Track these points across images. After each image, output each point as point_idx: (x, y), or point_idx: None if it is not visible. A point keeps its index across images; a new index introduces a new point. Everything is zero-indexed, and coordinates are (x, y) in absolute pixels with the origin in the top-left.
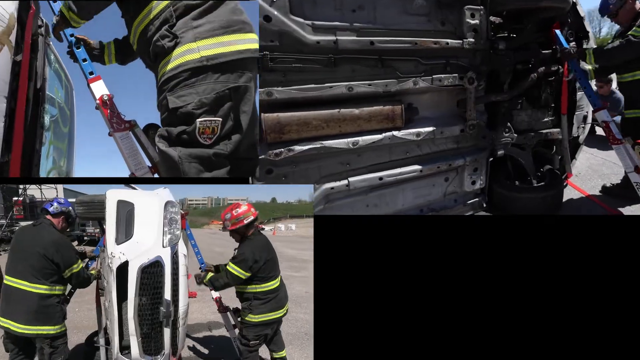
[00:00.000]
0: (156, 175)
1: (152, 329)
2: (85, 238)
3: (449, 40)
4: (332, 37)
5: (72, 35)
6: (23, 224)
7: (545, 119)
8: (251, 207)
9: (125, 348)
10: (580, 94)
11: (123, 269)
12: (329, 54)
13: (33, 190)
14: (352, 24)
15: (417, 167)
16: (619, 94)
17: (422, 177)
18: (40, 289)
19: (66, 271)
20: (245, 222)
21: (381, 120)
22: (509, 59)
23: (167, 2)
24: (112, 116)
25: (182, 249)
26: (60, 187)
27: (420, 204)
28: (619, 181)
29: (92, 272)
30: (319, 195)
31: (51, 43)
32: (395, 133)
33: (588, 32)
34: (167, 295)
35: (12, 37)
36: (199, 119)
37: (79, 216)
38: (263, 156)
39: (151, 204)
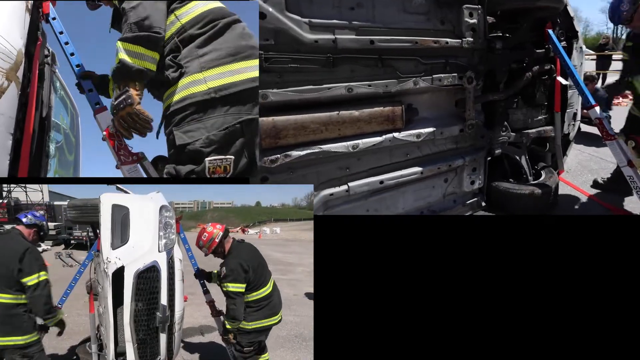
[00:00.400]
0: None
1: (148, 335)
2: (72, 242)
3: (448, 40)
4: (331, 36)
5: (78, 65)
6: (7, 226)
7: (539, 117)
8: (216, 224)
9: (120, 354)
10: (570, 92)
11: (119, 274)
12: (328, 54)
13: (18, 193)
14: (351, 22)
15: (418, 168)
16: (603, 92)
17: (422, 179)
18: (4, 298)
19: (25, 279)
20: (217, 240)
21: (381, 122)
22: (505, 59)
23: (169, 33)
24: (119, 148)
25: (177, 253)
26: (45, 189)
27: (420, 206)
28: (609, 175)
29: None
30: (318, 202)
31: (57, 71)
32: (395, 135)
33: (577, 31)
34: (164, 300)
35: (20, 73)
36: (208, 158)
37: (70, 220)
38: (258, 163)
39: (146, 208)
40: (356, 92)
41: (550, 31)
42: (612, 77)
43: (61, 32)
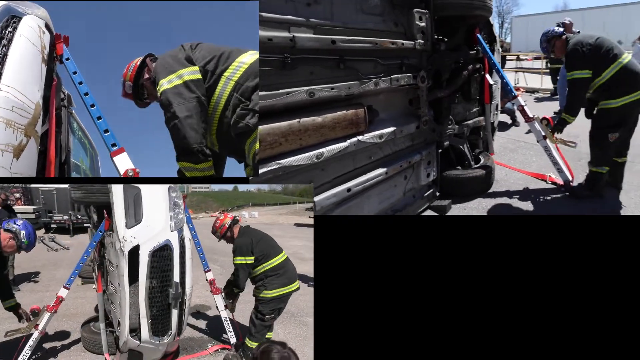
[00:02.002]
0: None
1: (160, 311)
2: (53, 225)
3: (404, 41)
4: (288, 34)
5: (92, 105)
6: None
7: (474, 110)
8: (226, 214)
9: (132, 330)
10: (494, 87)
11: (134, 252)
12: (284, 54)
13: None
14: (308, 19)
15: (382, 169)
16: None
17: (385, 179)
18: None
19: None
20: (226, 226)
21: (345, 127)
22: (448, 59)
23: (227, 93)
24: None
25: (186, 233)
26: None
27: (384, 207)
28: (583, 182)
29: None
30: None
31: (74, 112)
32: (360, 138)
33: (495, 36)
34: (176, 277)
35: (39, 127)
36: None
37: (75, 201)
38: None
39: (156, 188)
40: (318, 96)
41: (479, 35)
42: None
43: (75, 72)
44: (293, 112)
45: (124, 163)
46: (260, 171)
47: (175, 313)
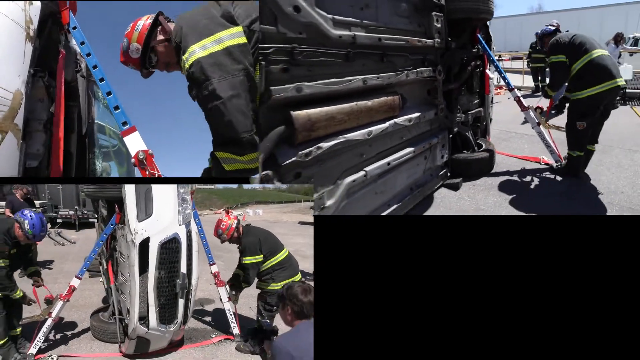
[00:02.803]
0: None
1: (168, 300)
2: (59, 220)
3: (426, 40)
4: (351, 32)
5: (101, 80)
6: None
7: (475, 101)
8: (229, 216)
9: (141, 318)
10: (491, 81)
11: (144, 244)
12: (347, 49)
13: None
14: (362, 20)
15: (410, 148)
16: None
17: (412, 158)
18: None
19: None
20: (233, 227)
21: (386, 110)
22: (457, 56)
23: None
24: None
25: (193, 227)
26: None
27: (410, 183)
28: (563, 163)
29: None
30: (341, 191)
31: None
32: (396, 120)
33: (491, 36)
34: (183, 269)
35: (20, 119)
36: None
37: (87, 195)
38: (292, 159)
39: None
40: (369, 84)
41: (479, 35)
42: None
43: (82, 43)
44: (351, 97)
45: (135, 144)
46: (332, 143)
47: (181, 303)
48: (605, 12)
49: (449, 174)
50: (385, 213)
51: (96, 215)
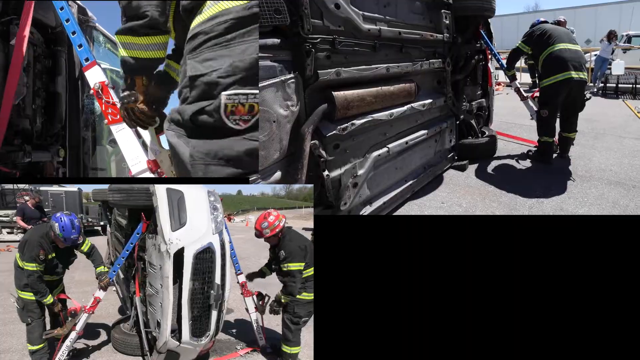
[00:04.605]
0: (160, 172)
1: (201, 312)
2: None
3: (437, 34)
4: (377, 27)
5: (80, 46)
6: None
7: (479, 92)
8: (278, 214)
9: (172, 331)
10: (492, 74)
11: (179, 254)
12: (374, 40)
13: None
14: (385, 16)
15: (424, 131)
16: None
17: (425, 140)
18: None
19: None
20: (281, 225)
21: (404, 96)
22: (463, 49)
23: None
24: (107, 107)
25: (226, 236)
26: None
27: (423, 163)
28: (535, 149)
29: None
30: (369, 163)
31: (97, 24)
32: (412, 105)
33: (492, 32)
34: (217, 279)
35: None
36: (226, 92)
37: (113, 204)
38: (333, 132)
39: (197, 192)
40: (391, 71)
41: (482, 31)
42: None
43: (67, 20)
44: (377, 82)
45: (95, 77)
46: (364, 120)
47: (214, 314)
48: (600, 10)
49: (456, 157)
50: (403, 187)
51: (101, 223)
